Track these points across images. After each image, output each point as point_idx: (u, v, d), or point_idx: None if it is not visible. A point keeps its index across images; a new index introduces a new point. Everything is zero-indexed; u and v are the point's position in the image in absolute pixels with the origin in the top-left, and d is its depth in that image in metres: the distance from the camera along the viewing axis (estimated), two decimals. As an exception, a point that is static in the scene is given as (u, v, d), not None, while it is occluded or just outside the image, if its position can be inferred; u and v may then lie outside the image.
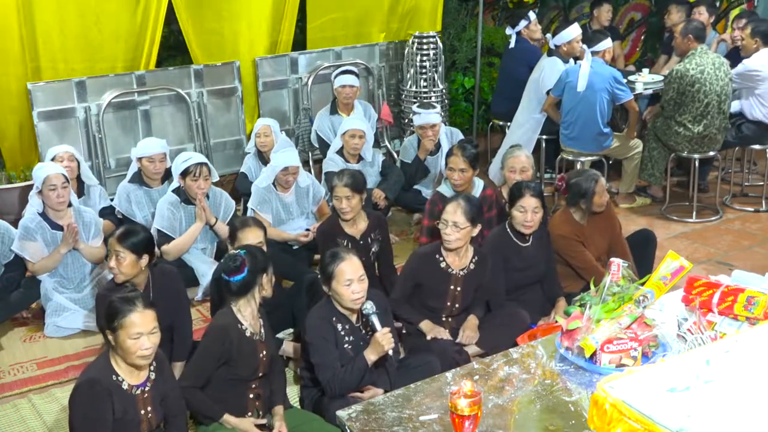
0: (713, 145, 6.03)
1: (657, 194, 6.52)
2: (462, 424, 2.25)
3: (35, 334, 4.63)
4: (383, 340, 3.27)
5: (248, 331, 3.28)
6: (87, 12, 5.71)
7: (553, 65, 6.26)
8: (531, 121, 6.39)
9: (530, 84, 6.42)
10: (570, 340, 2.79)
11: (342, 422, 2.56)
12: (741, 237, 5.85)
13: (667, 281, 3.05)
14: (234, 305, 3.28)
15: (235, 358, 3.22)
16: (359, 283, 3.32)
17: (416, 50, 6.81)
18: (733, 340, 2.26)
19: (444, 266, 3.88)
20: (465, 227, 3.81)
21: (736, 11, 8.60)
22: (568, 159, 6.19)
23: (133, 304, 2.84)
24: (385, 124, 6.88)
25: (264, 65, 6.55)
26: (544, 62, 6.34)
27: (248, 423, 3.29)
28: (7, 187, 5.47)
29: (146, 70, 6.03)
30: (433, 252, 3.94)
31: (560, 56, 6.31)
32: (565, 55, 6.32)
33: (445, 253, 3.89)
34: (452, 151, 4.69)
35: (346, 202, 4.29)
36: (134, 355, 2.83)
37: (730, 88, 5.89)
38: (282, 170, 4.92)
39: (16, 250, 4.56)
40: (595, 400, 2.02)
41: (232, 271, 3.25)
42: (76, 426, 2.87)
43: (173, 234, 4.79)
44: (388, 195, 5.52)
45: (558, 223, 4.50)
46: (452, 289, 3.90)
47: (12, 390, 4.08)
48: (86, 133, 5.85)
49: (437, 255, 3.90)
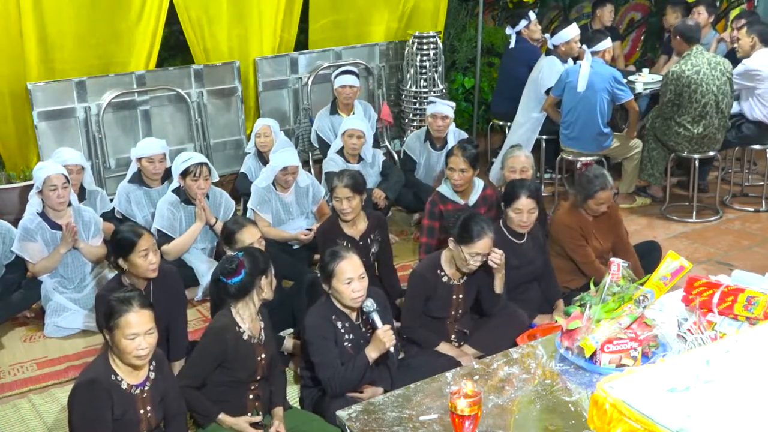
0: (713, 145, 6.03)
1: (657, 194, 6.52)
2: (462, 424, 2.25)
3: (35, 334, 4.63)
4: (384, 337, 3.28)
5: (246, 334, 3.27)
6: (87, 12, 5.71)
7: (552, 65, 6.26)
8: (530, 121, 6.39)
9: (529, 84, 6.43)
10: (570, 340, 2.79)
11: (342, 422, 2.56)
12: (741, 237, 5.85)
13: (667, 281, 3.06)
14: (233, 307, 3.28)
15: (231, 361, 3.22)
16: (359, 282, 3.33)
17: (416, 50, 6.81)
18: (733, 340, 2.26)
19: (446, 279, 3.86)
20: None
21: (736, 11, 8.61)
22: (568, 159, 6.19)
23: (129, 304, 2.84)
24: (385, 124, 6.88)
25: (264, 65, 6.55)
26: (543, 62, 6.35)
27: (243, 423, 3.29)
28: (7, 187, 5.47)
29: (146, 70, 6.03)
30: (433, 267, 3.87)
31: (558, 56, 6.31)
32: (563, 54, 6.33)
33: (444, 266, 3.87)
34: (452, 151, 4.68)
35: (346, 203, 4.29)
36: (130, 355, 2.83)
37: (728, 86, 5.89)
38: (281, 170, 4.92)
39: (17, 251, 4.56)
40: (595, 400, 2.02)
41: (228, 273, 3.24)
42: (75, 426, 2.87)
43: (173, 234, 4.79)
44: (388, 195, 5.52)
45: (564, 213, 4.53)
46: (455, 299, 3.90)
47: (12, 390, 4.08)
48: (86, 133, 5.85)
49: (438, 270, 3.87)
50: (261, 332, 3.34)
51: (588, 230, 4.45)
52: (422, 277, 3.85)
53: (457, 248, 3.71)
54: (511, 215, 4.15)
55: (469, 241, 3.66)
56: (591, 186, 4.35)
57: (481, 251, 3.69)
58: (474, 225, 3.67)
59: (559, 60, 6.29)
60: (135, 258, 3.64)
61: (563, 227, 4.45)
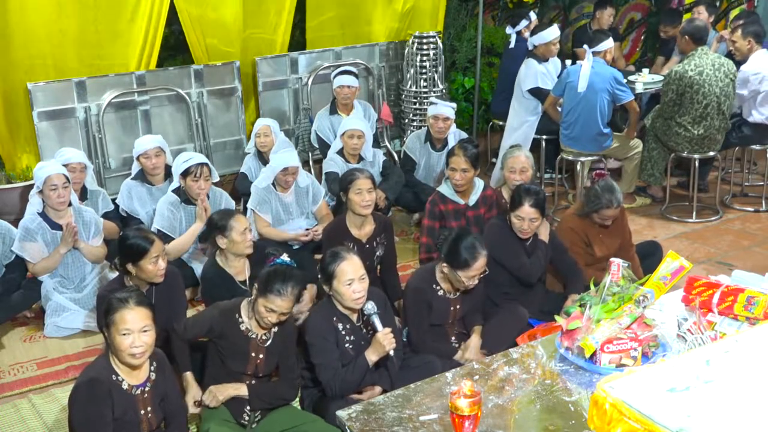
0: (713, 146, 6.03)
1: (657, 194, 6.53)
2: (462, 424, 2.25)
3: (35, 334, 4.63)
4: (384, 340, 3.28)
5: (244, 326, 3.30)
6: (87, 12, 5.71)
7: (529, 66, 6.29)
8: (525, 125, 6.41)
9: (516, 88, 6.45)
10: (570, 340, 2.79)
11: (342, 422, 2.56)
12: (741, 237, 5.85)
13: (667, 281, 3.06)
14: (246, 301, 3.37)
15: (220, 339, 3.32)
16: (360, 283, 3.32)
17: (416, 50, 6.81)
18: (733, 340, 2.26)
19: (442, 294, 3.85)
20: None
21: (736, 11, 8.61)
22: (568, 159, 6.19)
23: (126, 301, 2.85)
24: (385, 124, 6.88)
25: (264, 65, 6.55)
26: (523, 64, 6.37)
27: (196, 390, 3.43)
28: (7, 187, 5.47)
29: (146, 70, 6.04)
30: (429, 281, 3.84)
31: (536, 57, 6.32)
32: (541, 55, 6.33)
33: (440, 282, 3.84)
34: (454, 151, 4.68)
35: (368, 196, 4.29)
36: (124, 353, 2.82)
37: (730, 88, 5.88)
38: (282, 171, 4.92)
39: (17, 251, 4.56)
40: (595, 400, 2.02)
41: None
42: (75, 426, 2.87)
43: (173, 234, 4.79)
44: (388, 195, 5.52)
45: (571, 216, 4.53)
46: (452, 310, 3.90)
47: (12, 390, 4.08)
48: (86, 133, 5.85)
49: (433, 285, 3.84)
50: (268, 335, 3.35)
51: (593, 237, 4.46)
52: (419, 290, 3.82)
53: (453, 272, 3.70)
54: (514, 220, 4.15)
55: (465, 266, 3.65)
56: (597, 201, 4.35)
57: (478, 272, 3.69)
58: (465, 249, 3.63)
59: (536, 61, 6.29)
60: (145, 264, 3.66)
61: (568, 230, 4.46)
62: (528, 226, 4.12)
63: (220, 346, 3.33)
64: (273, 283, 3.16)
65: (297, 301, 3.27)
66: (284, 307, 3.20)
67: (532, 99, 6.33)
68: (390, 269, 4.62)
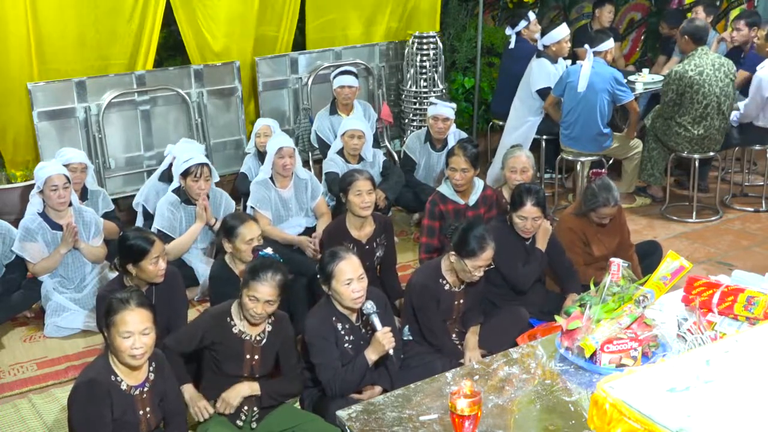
0: (713, 146, 6.03)
1: (657, 194, 6.52)
2: (462, 424, 2.25)
3: (35, 334, 4.63)
4: (384, 340, 3.28)
5: (236, 328, 3.30)
6: (86, 12, 5.71)
7: (541, 66, 6.27)
8: (525, 125, 6.39)
9: (521, 87, 6.43)
10: (570, 340, 2.79)
11: (342, 422, 2.56)
12: (741, 237, 5.85)
13: (667, 281, 3.06)
14: (236, 303, 3.35)
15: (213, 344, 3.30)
16: (359, 282, 3.32)
17: (416, 50, 6.81)
18: (733, 340, 2.26)
19: (448, 288, 3.85)
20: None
21: (736, 11, 8.60)
22: (568, 159, 6.19)
23: (127, 303, 2.84)
24: (385, 124, 6.88)
25: (263, 65, 6.55)
26: (533, 63, 6.34)
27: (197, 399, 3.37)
28: (8, 187, 5.47)
29: (146, 70, 6.03)
30: (434, 276, 3.85)
31: (549, 57, 6.31)
32: (553, 55, 6.32)
33: (445, 274, 3.85)
34: (454, 150, 4.68)
35: (368, 197, 4.30)
36: (124, 354, 2.83)
37: (730, 88, 5.88)
38: (277, 153, 4.92)
39: (17, 251, 4.56)
40: (595, 400, 2.02)
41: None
42: (75, 426, 2.87)
43: (173, 234, 4.79)
44: (388, 195, 5.51)
45: (569, 216, 4.53)
46: (457, 304, 3.91)
47: (12, 390, 4.08)
48: (86, 133, 5.85)
49: (440, 279, 3.84)
50: (261, 336, 3.35)
51: (591, 236, 4.46)
52: (425, 287, 3.82)
53: (459, 261, 3.71)
54: (516, 220, 4.16)
55: (473, 255, 3.66)
56: (594, 200, 4.35)
57: (485, 263, 3.71)
58: (474, 238, 3.66)
59: (549, 61, 6.29)
60: (146, 264, 3.67)
61: (566, 229, 4.46)
62: (530, 225, 4.13)
63: (215, 352, 3.32)
64: (254, 272, 3.23)
65: (280, 289, 3.26)
66: (266, 293, 3.21)
67: (538, 99, 6.31)
68: (389, 269, 4.62)
